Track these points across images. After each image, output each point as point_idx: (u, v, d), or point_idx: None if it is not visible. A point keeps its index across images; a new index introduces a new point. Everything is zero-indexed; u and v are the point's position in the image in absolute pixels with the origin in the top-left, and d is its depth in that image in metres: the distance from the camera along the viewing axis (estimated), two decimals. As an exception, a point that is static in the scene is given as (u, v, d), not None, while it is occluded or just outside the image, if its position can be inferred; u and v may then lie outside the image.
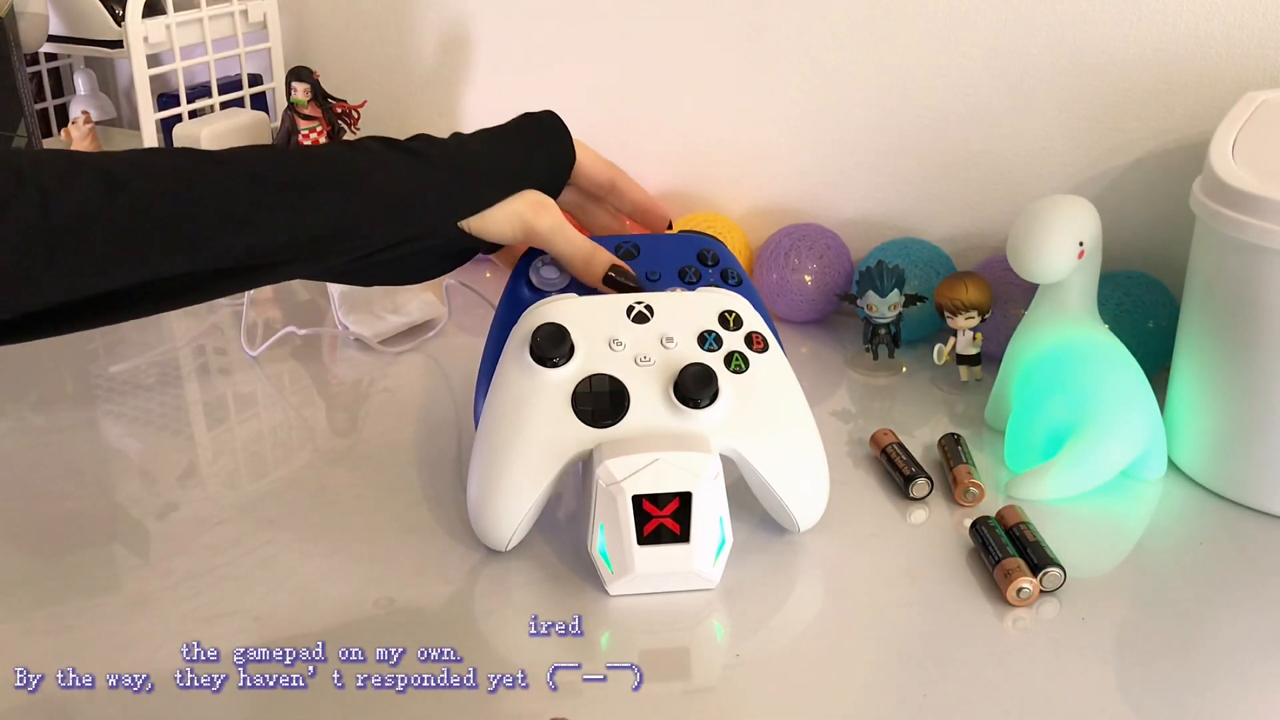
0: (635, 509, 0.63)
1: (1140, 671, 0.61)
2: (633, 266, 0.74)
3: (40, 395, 0.91)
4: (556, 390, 0.66)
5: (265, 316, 1.05)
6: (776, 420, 0.68)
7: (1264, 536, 0.72)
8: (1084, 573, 0.68)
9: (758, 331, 0.70)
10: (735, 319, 0.70)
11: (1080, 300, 0.80)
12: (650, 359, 0.67)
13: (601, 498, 0.64)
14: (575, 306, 0.70)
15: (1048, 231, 0.77)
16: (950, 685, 0.60)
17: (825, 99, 1.02)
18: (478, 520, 0.69)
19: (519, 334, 0.69)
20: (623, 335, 0.68)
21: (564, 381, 0.67)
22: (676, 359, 0.67)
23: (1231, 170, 0.72)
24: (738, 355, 0.68)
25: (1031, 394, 0.78)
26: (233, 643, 0.63)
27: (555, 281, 0.74)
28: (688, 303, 0.70)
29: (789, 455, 0.69)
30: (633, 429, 0.66)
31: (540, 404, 0.66)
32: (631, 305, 0.69)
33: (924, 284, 0.94)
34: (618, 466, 0.63)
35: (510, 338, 0.70)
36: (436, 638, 0.63)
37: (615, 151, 0.75)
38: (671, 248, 0.77)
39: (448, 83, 1.19)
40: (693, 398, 0.66)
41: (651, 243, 0.76)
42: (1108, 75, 0.90)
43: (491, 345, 0.73)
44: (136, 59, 1.08)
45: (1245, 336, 0.72)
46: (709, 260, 0.76)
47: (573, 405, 0.66)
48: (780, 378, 0.69)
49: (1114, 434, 0.74)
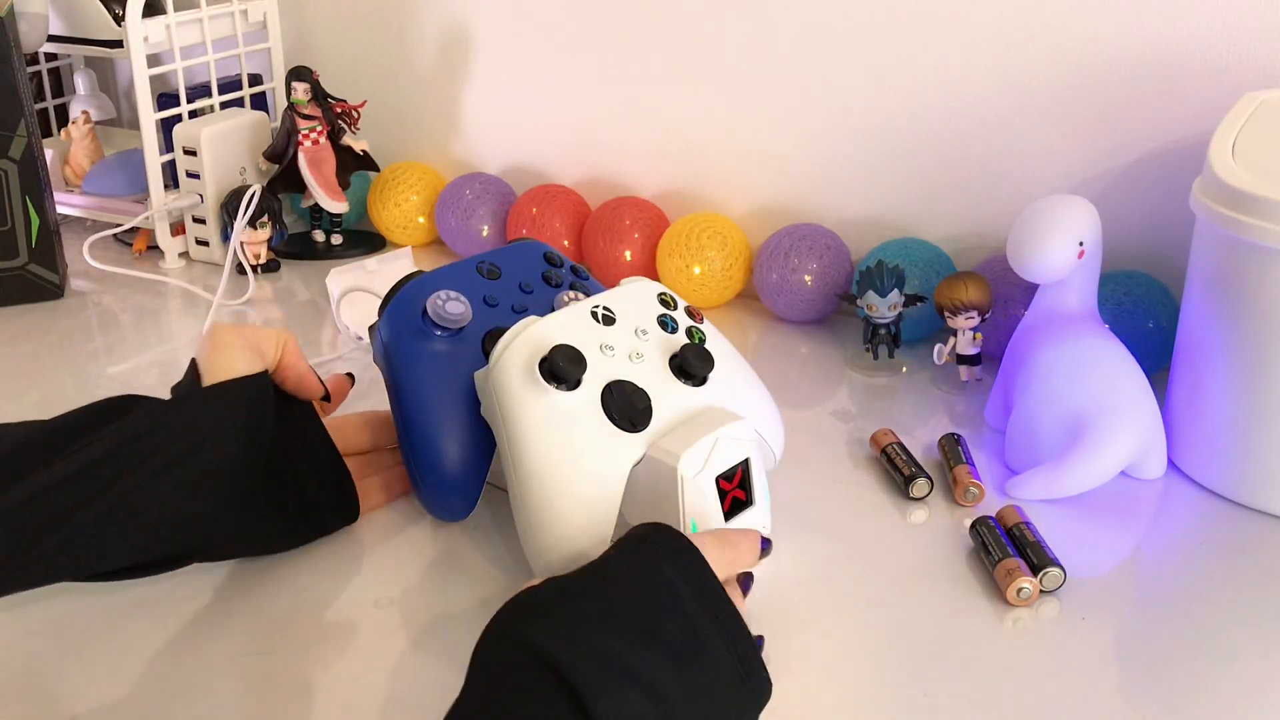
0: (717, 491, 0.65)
1: (1140, 671, 0.61)
2: (503, 282, 0.74)
3: (40, 395, 0.91)
4: (588, 408, 0.65)
5: (265, 316, 1.05)
6: (737, 373, 0.72)
7: (1264, 536, 0.72)
8: (1084, 573, 0.68)
9: (689, 305, 0.73)
10: (670, 300, 0.72)
11: (1080, 300, 0.80)
12: (640, 354, 0.68)
13: (688, 492, 0.63)
14: (553, 325, 0.66)
15: (1048, 231, 0.77)
16: (950, 685, 0.60)
17: (826, 100, 1.02)
18: (558, 557, 0.64)
19: (515, 365, 0.64)
20: (607, 339, 0.67)
21: (590, 398, 0.65)
22: (658, 348, 0.69)
23: (1231, 170, 0.72)
24: (695, 329, 0.71)
25: (1031, 394, 0.77)
26: (233, 642, 0.63)
27: (460, 316, 0.70)
28: (627, 296, 0.71)
29: (756, 397, 0.72)
30: (664, 421, 0.66)
31: (581, 427, 0.64)
32: (594, 310, 0.68)
33: (924, 284, 0.94)
34: (690, 459, 0.63)
35: (498, 375, 0.65)
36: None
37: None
38: (523, 259, 0.77)
39: (448, 83, 1.19)
40: (700, 374, 0.68)
41: (504, 258, 0.77)
42: (1108, 75, 0.90)
43: (420, 389, 0.69)
44: (136, 59, 1.08)
45: (1245, 336, 0.72)
46: (555, 261, 0.78)
47: (609, 417, 0.65)
48: (720, 338, 0.73)
49: (1114, 434, 0.74)
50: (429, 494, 0.71)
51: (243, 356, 0.66)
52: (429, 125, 1.22)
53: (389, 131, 1.24)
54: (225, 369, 0.65)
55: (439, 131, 1.22)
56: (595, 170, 1.15)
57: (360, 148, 1.15)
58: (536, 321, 0.66)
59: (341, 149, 1.14)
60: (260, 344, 0.68)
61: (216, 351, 0.65)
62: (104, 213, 1.18)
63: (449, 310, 0.69)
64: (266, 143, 1.15)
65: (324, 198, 1.13)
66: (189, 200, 1.12)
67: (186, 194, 1.12)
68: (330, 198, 1.14)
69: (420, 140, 1.23)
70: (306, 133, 1.11)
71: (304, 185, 1.14)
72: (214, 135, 1.10)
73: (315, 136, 1.12)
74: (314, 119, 1.11)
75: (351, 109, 1.13)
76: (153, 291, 1.10)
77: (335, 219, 1.17)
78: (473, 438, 0.69)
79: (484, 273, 0.74)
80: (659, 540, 0.55)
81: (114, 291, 1.09)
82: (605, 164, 1.14)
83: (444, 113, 1.21)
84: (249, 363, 0.66)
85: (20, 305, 1.06)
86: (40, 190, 1.04)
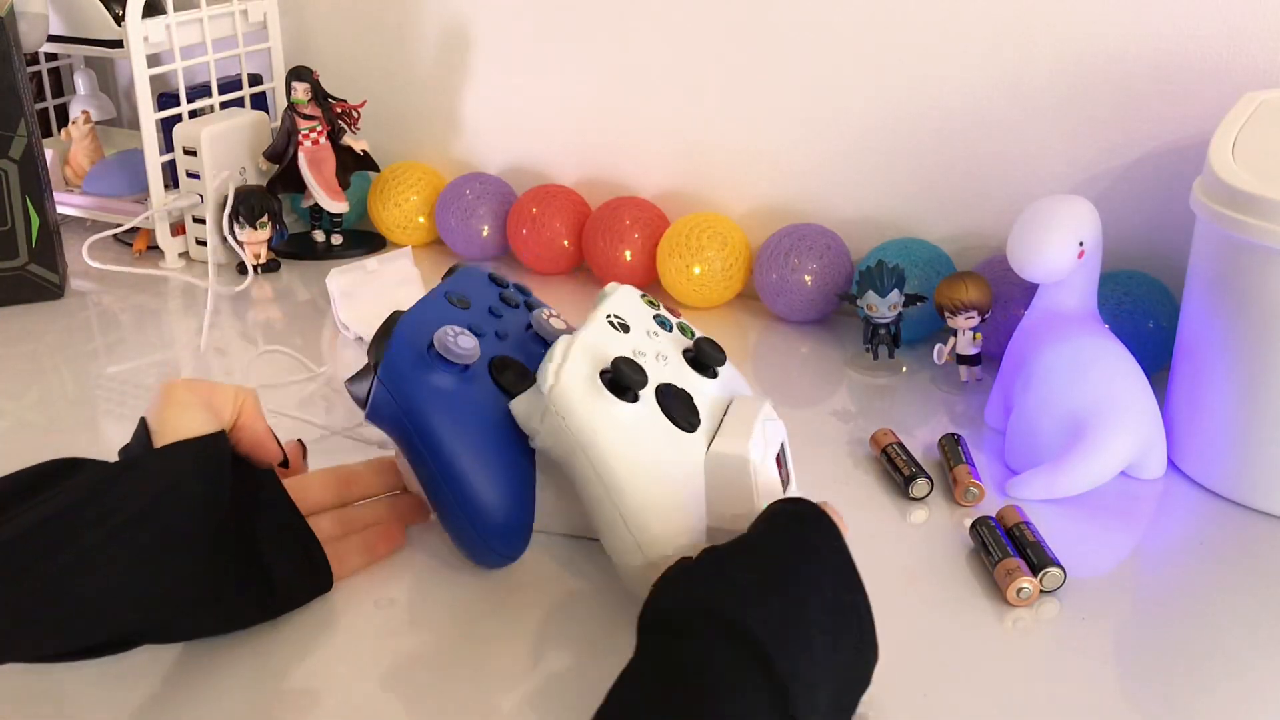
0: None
1: (1140, 671, 0.61)
2: (475, 310, 0.71)
3: (40, 395, 0.91)
4: (651, 414, 0.63)
5: (265, 316, 1.05)
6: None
7: (1264, 537, 0.72)
8: (1084, 573, 0.68)
9: (665, 303, 0.74)
10: (652, 300, 0.72)
11: (1080, 300, 0.80)
12: (664, 356, 0.67)
13: (760, 477, 0.64)
14: (590, 339, 0.65)
15: (1048, 231, 0.77)
16: (950, 685, 0.60)
17: (826, 99, 1.02)
18: (661, 562, 0.61)
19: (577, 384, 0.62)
20: (636, 345, 0.67)
21: (649, 404, 0.63)
22: (671, 347, 0.69)
23: (1231, 170, 0.72)
24: (684, 325, 0.72)
25: (1031, 394, 0.77)
26: (231, 642, 0.63)
27: (473, 349, 0.66)
28: (622, 302, 0.70)
29: (742, 380, 0.74)
30: (704, 415, 0.66)
31: (652, 433, 0.63)
32: (609, 319, 0.67)
33: (924, 284, 0.94)
34: (755, 447, 0.64)
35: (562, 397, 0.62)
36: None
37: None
38: (474, 286, 0.74)
39: (448, 83, 1.19)
40: (717, 365, 0.69)
41: (460, 286, 0.73)
42: (1108, 75, 0.90)
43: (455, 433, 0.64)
44: (136, 59, 1.08)
45: (1245, 336, 0.72)
46: (502, 283, 0.76)
47: (671, 420, 0.63)
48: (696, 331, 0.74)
49: (1114, 434, 0.74)
50: (486, 541, 0.66)
51: (197, 415, 0.61)
52: (429, 125, 1.22)
53: (389, 131, 1.24)
54: (178, 428, 0.59)
55: (439, 131, 1.22)
56: (595, 170, 1.15)
57: (360, 148, 1.15)
58: (575, 338, 0.64)
59: (341, 149, 1.14)
60: (215, 401, 0.63)
61: (169, 409, 0.60)
62: (104, 213, 1.18)
63: (462, 345, 0.65)
64: (266, 143, 1.15)
65: (324, 198, 1.13)
66: (189, 200, 1.12)
67: (186, 194, 1.12)
68: (330, 198, 1.14)
69: (420, 140, 1.23)
70: (306, 133, 1.11)
71: (304, 185, 1.14)
72: (214, 135, 1.10)
73: (315, 136, 1.12)
74: (314, 119, 1.12)
75: (351, 109, 1.13)
76: (153, 291, 1.10)
77: (335, 219, 1.17)
78: (519, 471, 0.66)
79: (455, 302, 0.71)
80: (800, 513, 0.58)
81: (114, 291, 1.09)
82: (605, 164, 1.14)
83: (444, 113, 1.21)
84: (204, 422, 0.60)
85: (20, 305, 1.06)
86: (40, 190, 1.04)
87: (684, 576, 0.55)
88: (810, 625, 0.52)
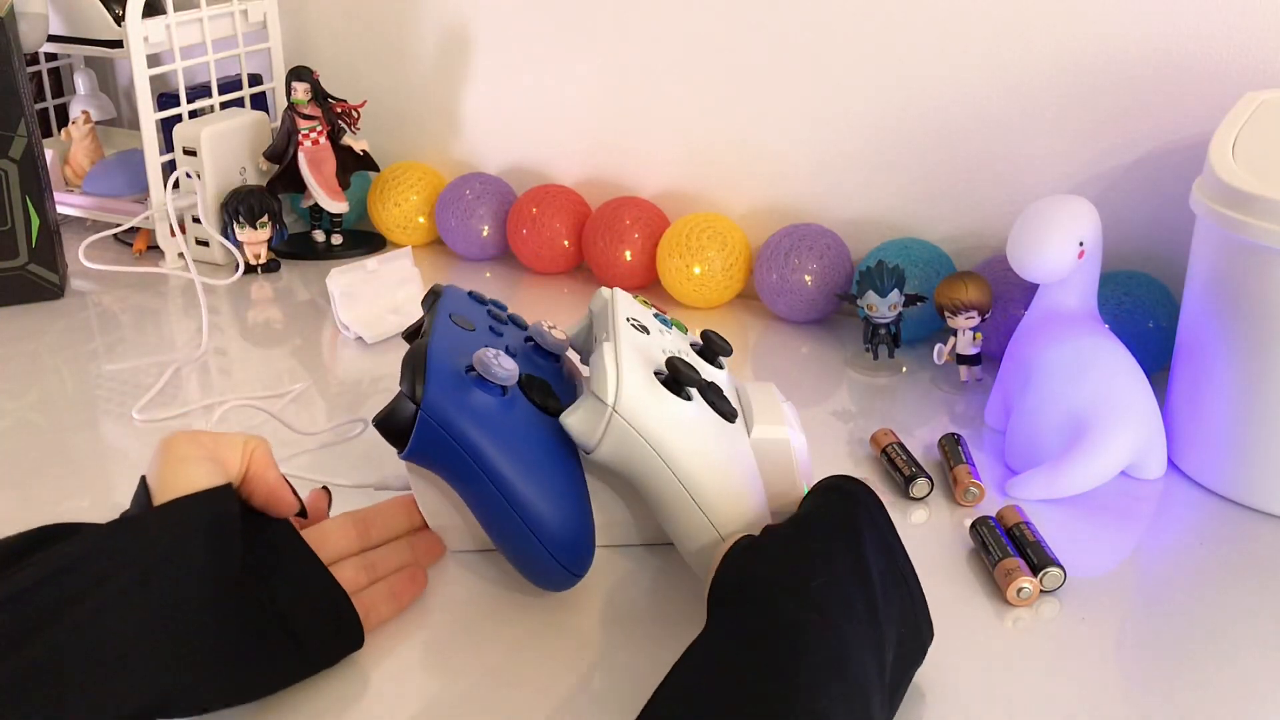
0: None
1: (1140, 671, 0.61)
2: (479, 331, 0.69)
3: (40, 395, 0.91)
4: (702, 410, 0.65)
5: (265, 316, 1.05)
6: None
7: (1264, 537, 0.72)
8: (1084, 573, 0.68)
9: (653, 302, 0.76)
10: (643, 300, 0.75)
11: (1080, 300, 0.80)
12: (682, 351, 0.70)
13: (799, 458, 0.69)
14: (629, 345, 0.65)
15: (1048, 231, 0.77)
16: (950, 685, 0.60)
17: (826, 99, 1.02)
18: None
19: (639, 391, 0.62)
20: (662, 344, 0.68)
21: (697, 400, 0.65)
22: (683, 342, 0.72)
23: (1231, 170, 0.72)
24: (675, 321, 0.75)
25: (1031, 394, 0.78)
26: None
27: (514, 370, 0.64)
28: (626, 305, 0.71)
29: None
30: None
31: (709, 428, 0.64)
32: (630, 322, 0.68)
33: (924, 284, 0.94)
34: (795, 436, 0.69)
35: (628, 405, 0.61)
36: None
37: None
38: (467, 305, 0.73)
39: (448, 83, 1.20)
40: (725, 354, 0.72)
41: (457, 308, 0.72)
42: (1108, 75, 0.91)
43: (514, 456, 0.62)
44: (136, 59, 1.08)
45: (1245, 336, 0.72)
46: (483, 300, 0.76)
47: (719, 414, 0.65)
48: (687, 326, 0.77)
49: (1114, 434, 0.74)
50: (558, 560, 0.63)
51: (201, 469, 0.56)
52: (429, 125, 1.22)
53: (389, 131, 1.24)
54: (181, 484, 0.54)
55: (439, 131, 1.22)
56: (595, 170, 1.15)
57: (360, 148, 1.15)
58: (618, 347, 0.64)
59: (341, 149, 1.14)
60: (220, 452, 0.58)
61: (170, 465, 0.55)
62: (104, 213, 1.18)
63: (504, 365, 0.63)
64: (266, 143, 1.15)
65: (324, 198, 1.13)
66: (189, 200, 1.12)
67: (186, 194, 1.12)
68: (330, 198, 1.14)
69: (420, 140, 1.23)
70: (306, 133, 1.12)
71: (304, 185, 1.14)
72: (214, 135, 1.11)
73: (315, 136, 1.12)
74: (314, 119, 1.12)
75: (351, 109, 1.13)
76: (153, 291, 1.10)
77: (335, 219, 1.18)
78: (575, 486, 0.65)
79: (461, 324, 0.70)
80: (851, 489, 0.60)
81: (114, 291, 1.09)
82: (605, 164, 1.14)
83: (444, 113, 1.21)
84: (209, 475, 0.56)
85: (20, 305, 1.06)
86: (40, 190, 1.04)
87: (750, 552, 0.58)
88: (872, 589, 0.54)
